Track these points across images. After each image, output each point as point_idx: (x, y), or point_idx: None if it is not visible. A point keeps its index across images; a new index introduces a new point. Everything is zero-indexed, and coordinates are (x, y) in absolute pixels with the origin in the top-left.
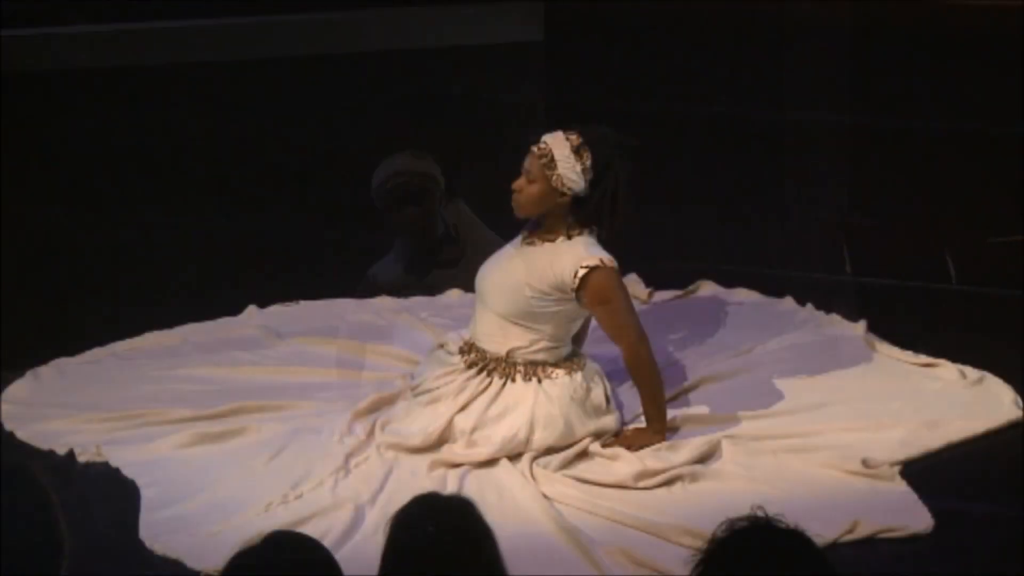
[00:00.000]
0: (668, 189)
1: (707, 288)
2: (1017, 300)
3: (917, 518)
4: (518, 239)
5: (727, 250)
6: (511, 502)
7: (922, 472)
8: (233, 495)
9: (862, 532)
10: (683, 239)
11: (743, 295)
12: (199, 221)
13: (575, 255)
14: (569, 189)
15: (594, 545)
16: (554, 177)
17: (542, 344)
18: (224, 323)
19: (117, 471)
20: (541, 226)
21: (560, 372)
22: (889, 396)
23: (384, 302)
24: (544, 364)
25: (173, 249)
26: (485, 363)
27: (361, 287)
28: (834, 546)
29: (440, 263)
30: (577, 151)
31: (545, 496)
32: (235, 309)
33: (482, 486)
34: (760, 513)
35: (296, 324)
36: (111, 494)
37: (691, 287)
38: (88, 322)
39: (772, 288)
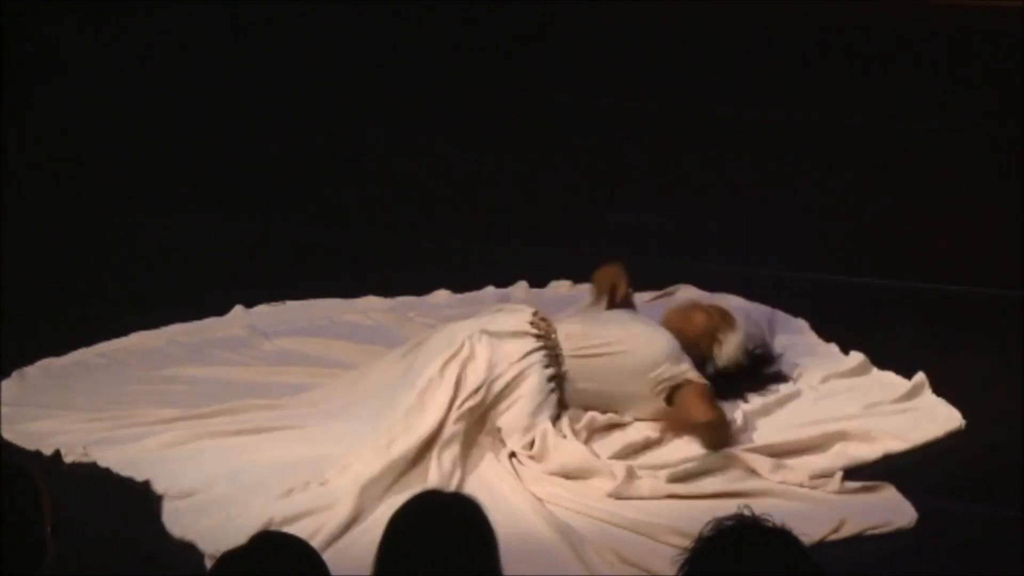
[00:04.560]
0: (667, 188)
1: (686, 291)
2: (1017, 300)
3: (901, 514)
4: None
5: (721, 249)
6: (502, 501)
7: (909, 471)
8: (220, 498)
9: (848, 531)
10: (680, 238)
11: (730, 300)
12: (185, 220)
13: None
14: (715, 358)
15: (584, 544)
16: (715, 345)
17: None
18: (210, 323)
19: (107, 471)
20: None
21: None
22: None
23: (371, 302)
24: None
25: (159, 249)
26: (551, 346)
27: None
28: (820, 545)
29: None
30: (746, 351)
31: (536, 496)
32: (222, 309)
33: (472, 485)
34: (747, 512)
35: (283, 324)
36: (99, 494)
37: (669, 288)
38: (74, 323)
39: (771, 288)
